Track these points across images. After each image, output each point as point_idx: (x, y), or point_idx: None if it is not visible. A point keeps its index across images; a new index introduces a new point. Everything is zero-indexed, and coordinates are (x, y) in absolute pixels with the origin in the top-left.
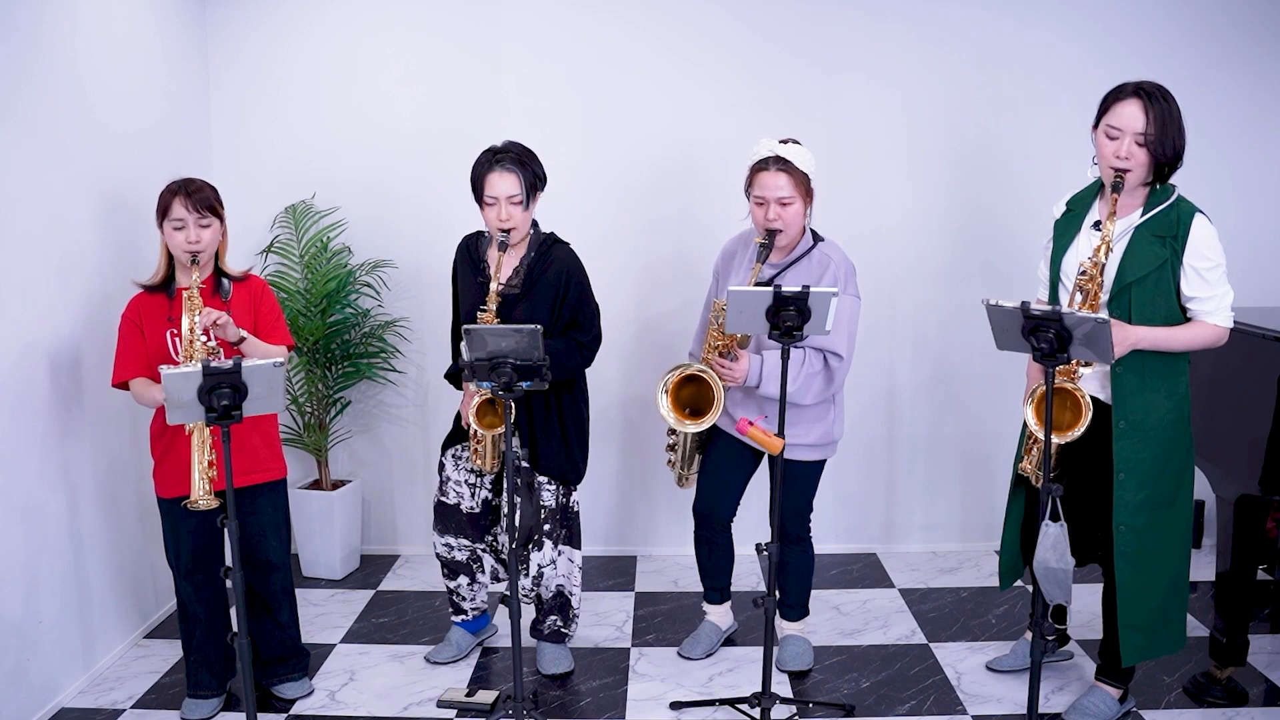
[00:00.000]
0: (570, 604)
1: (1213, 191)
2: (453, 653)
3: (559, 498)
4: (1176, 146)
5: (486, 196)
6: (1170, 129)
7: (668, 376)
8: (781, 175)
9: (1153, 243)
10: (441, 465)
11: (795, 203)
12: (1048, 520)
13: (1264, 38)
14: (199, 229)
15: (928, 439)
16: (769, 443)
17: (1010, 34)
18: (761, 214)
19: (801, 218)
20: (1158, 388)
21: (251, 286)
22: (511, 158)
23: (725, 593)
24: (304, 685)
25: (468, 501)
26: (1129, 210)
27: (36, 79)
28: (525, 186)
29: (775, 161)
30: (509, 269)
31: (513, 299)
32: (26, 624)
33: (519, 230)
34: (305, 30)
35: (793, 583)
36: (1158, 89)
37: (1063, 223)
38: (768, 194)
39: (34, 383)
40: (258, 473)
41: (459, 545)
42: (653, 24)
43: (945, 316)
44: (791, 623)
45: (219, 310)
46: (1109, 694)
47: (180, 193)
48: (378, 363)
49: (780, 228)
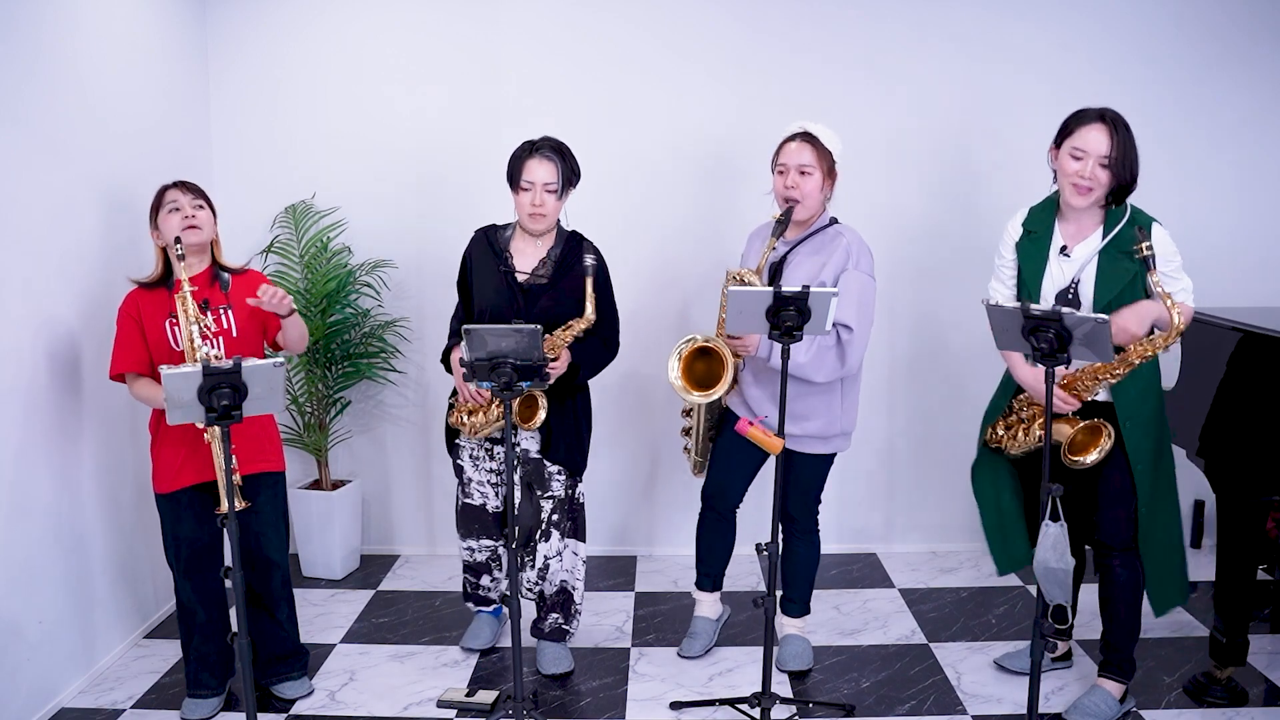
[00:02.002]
0: (573, 600)
1: (1213, 191)
2: (488, 638)
3: (566, 489)
4: (1133, 171)
5: (523, 181)
6: (1129, 154)
7: (681, 346)
8: (806, 146)
9: (1119, 259)
10: (460, 469)
11: (815, 174)
12: (1048, 520)
13: (1264, 37)
14: (194, 209)
15: (928, 439)
16: (769, 443)
17: (1009, 33)
18: (781, 182)
19: (819, 192)
20: (1143, 380)
21: (250, 280)
22: (551, 147)
23: (718, 581)
24: (304, 685)
25: (492, 501)
26: (1088, 232)
27: (37, 79)
28: (561, 176)
29: (802, 135)
30: (535, 260)
31: (539, 289)
32: (27, 624)
33: (549, 219)
34: (305, 30)
35: (798, 575)
36: (1119, 117)
37: (1027, 245)
38: (789, 161)
39: (34, 382)
40: (258, 461)
41: (480, 547)
42: (653, 24)
43: (946, 316)
44: (793, 619)
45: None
46: (1109, 694)
47: (172, 185)
48: (378, 363)
49: (798, 197)
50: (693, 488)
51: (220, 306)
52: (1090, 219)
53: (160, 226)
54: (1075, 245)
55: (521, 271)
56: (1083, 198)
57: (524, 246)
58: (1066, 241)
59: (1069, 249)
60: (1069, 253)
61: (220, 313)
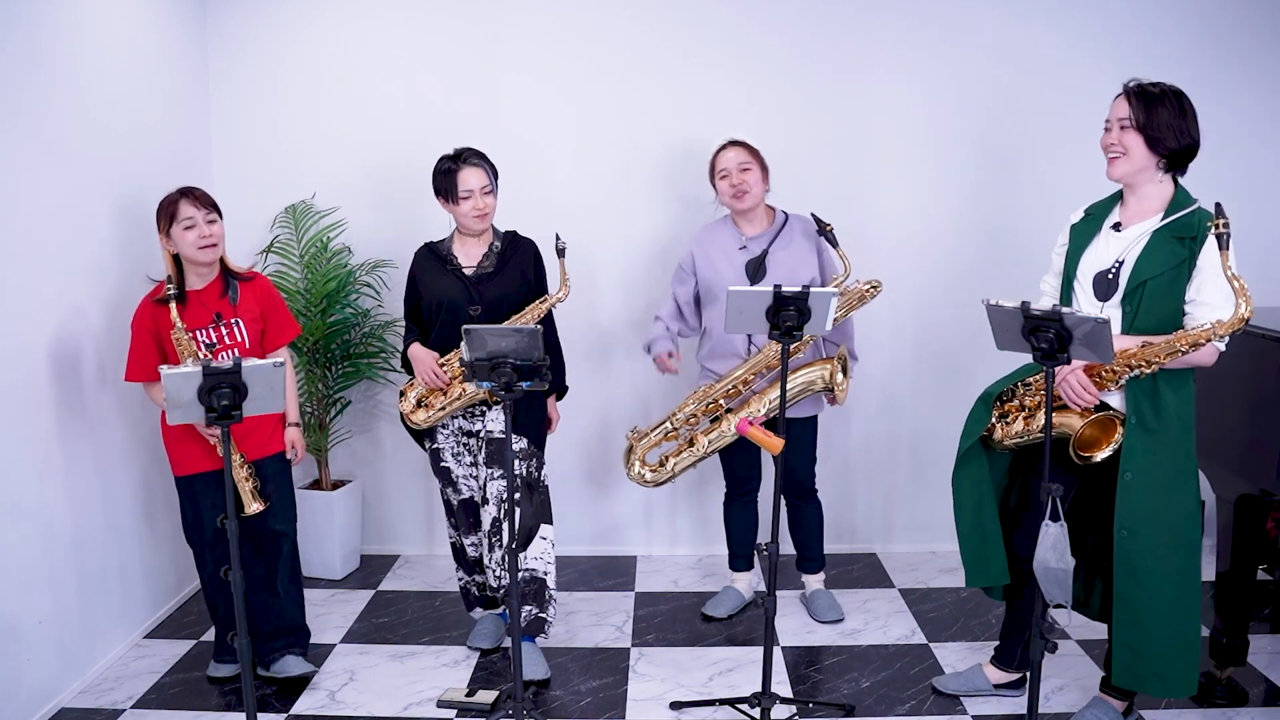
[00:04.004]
0: (546, 586)
1: (1213, 191)
2: (495, 637)
3: (529, 469)
4: (1177, 134)
5: (461, 192)
6: (1160, 119)
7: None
8: (739, 149)
9: (1172, 243)
10: (448, 470)
11: (754, 168)
12: (1048, 520)
13: (1265, 37)
14: (208, 225)
15: (928, 439)
16: (769, 443)
17: (1026, 35)
18: (726, 184)
19: (761, 185)
20: (1168, 389)
21: (256, 287)
22: (473, 154)
23: (750, 560)
24: (300, 663)
25: (478, 494)
26: (1149, 214)
27: (36, 80)
28: (490, 176)
29: (731, 143)
30: (478, 255)
31: (486, 277)
32: (27, 624)
33: (491, 215)
34: (305, 30)
35: (810, 535)
36: (1151, 85)
37: (1081, 226)
38: (729, 165)
39: (34, 382)
40: (269, 445)
41: (479, 540)
42: (655, 21)
43: (947, 316)
44: (814, 575)
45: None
46: (1112, 706)
47: (184, 195)
48: (378, 363)
49: (746, 189)
50: (693, 489)
51: (231, 320)
52: (1154, 201)
53: (174, 238)
54: (1131, 224)
55: (468, 266)
56: (1113, 166)
57: (465, 248)
58: (1122, 220)
59: (1123, 226)
60: (1121, 229)
61: (232, 326)
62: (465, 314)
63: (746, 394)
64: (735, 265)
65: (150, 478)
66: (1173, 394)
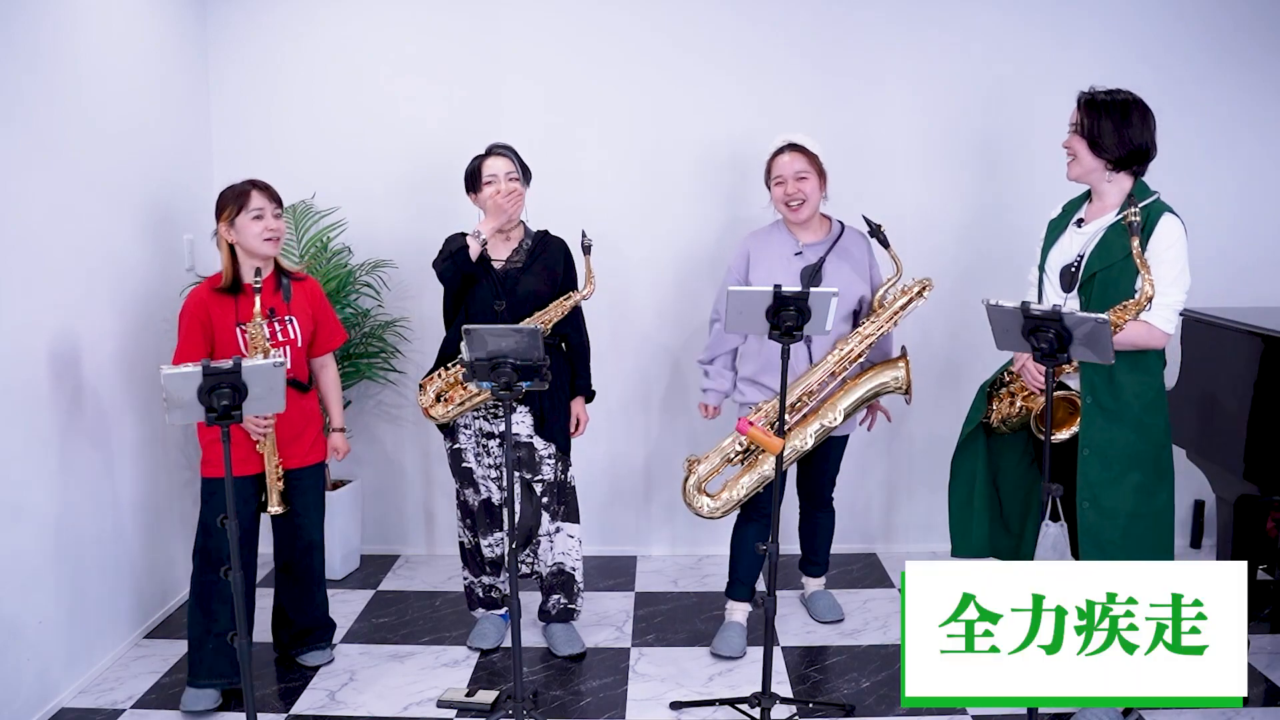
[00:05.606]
0: (574, 579)
1: (1213, 191)
2: (496, 638)
3: (557, 473)
4: (1120, 142)
5: (485, 177)
6: (1105, 124)
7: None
8: (797, 155)
9: (1123, 234)
10: (469, 471)
11: (811, 177)
12: (1048, 520)
13: (1265, 38)
14: (275, 218)
15: (928, 439)
16: (769, 443)
17: (1024, 34)
18: (781, 191)
19: (818, 194)
20: (1122, 370)
21: (308, 288)
22: (500, 146)
23: (752, 591)
24: (327, 654)
25: (496, 495)
26: (1107, 210)
27: (36, 79)
28: (518, 167)
29: (789, 147)
30: (508, 250)
31: (515, 272)
32: (27, 624)
33: (518, 205)
34: (305, 30)
35: (822, 542)
36: (1104, 94)
37: (1055, 221)
38: (785, 171)
39: (34, 382)
40: (311, 455)
41: (497, 540)
42: (658, 19)
43: (947, 316)
44: (816, 579)
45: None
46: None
47: (255, 185)
48: (378, 363)
49: (803, 197)
50: None
51: (285, 316)
52: (1111, 197)
53: (238, 228)
54: (1093, 220)
55: (497, 261)
56: (1068, 168)
57: (495, 243)
58: (1085, 216)
59: (1085, 222)
60: (1083, 226)
61: (285, 322)
62: (491, 309)
63: (813, 404)
64: (791, 271)
65: (151, 478)
66: (1128, 374)
